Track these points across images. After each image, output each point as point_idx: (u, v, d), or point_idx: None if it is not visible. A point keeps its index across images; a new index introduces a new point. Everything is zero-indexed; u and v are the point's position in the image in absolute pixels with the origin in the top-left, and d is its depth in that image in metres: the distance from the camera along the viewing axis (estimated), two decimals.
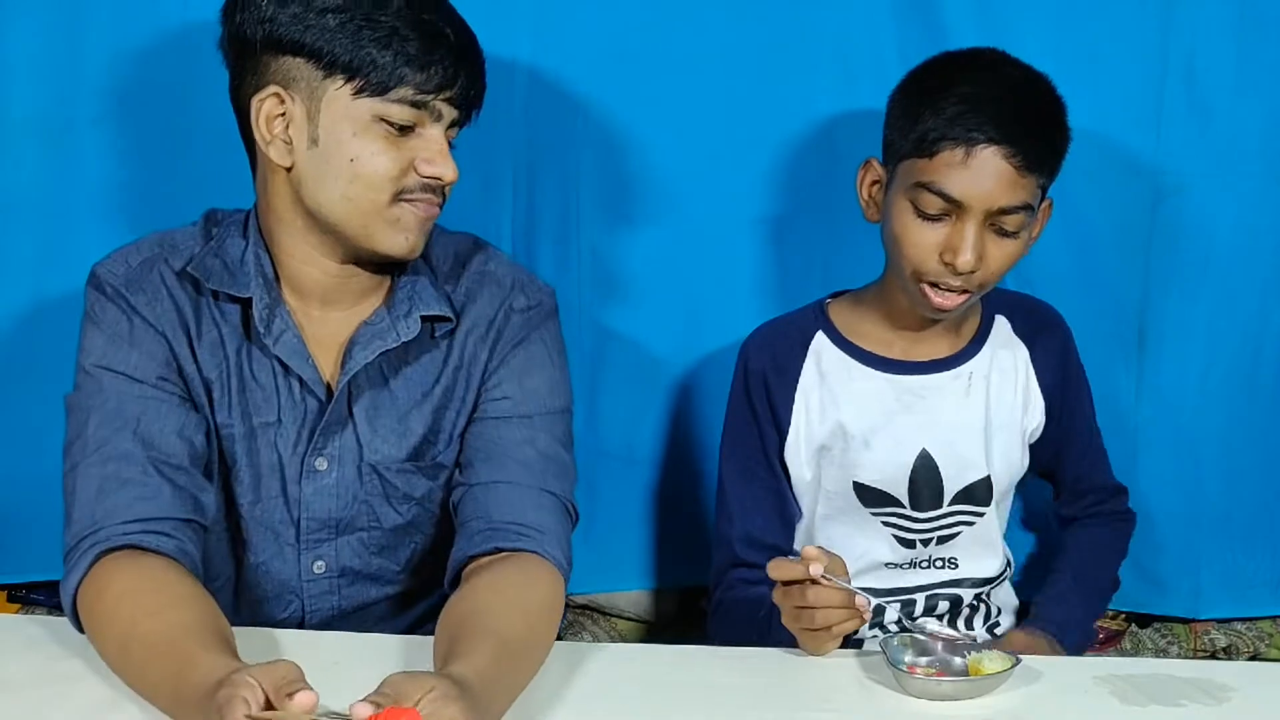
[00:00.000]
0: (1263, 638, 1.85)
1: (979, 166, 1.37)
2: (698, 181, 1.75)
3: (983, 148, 1.37)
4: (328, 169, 1.29)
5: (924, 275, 1.42)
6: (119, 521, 1.23)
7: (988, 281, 1.43)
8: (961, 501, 1.53)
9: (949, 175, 1.37)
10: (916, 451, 1.52)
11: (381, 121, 1.27)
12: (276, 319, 1.34)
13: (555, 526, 1.33)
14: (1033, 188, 1.40)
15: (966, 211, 1.38)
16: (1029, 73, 1.44)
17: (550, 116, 1.72)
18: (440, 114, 1.30)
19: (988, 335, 1.56)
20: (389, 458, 1.38)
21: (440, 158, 1.30)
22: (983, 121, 1.37)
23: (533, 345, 1.41)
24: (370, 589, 1.43)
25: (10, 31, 1.64)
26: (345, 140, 1.28)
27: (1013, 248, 1.42)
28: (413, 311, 1.37)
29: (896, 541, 1.54)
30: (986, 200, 1.37)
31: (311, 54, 1.26)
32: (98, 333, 1.32)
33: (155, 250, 1.36)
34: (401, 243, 1.32)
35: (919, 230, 1.40)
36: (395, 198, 1.30)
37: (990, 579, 1.57)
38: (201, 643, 1.11)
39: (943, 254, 1.40)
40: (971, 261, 1.38)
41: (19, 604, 1.83)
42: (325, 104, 1.27)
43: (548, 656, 1.24)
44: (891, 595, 1.54)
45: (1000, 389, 1.55)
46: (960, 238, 1.38)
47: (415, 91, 1.27)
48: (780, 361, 1.56)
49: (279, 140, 1.29)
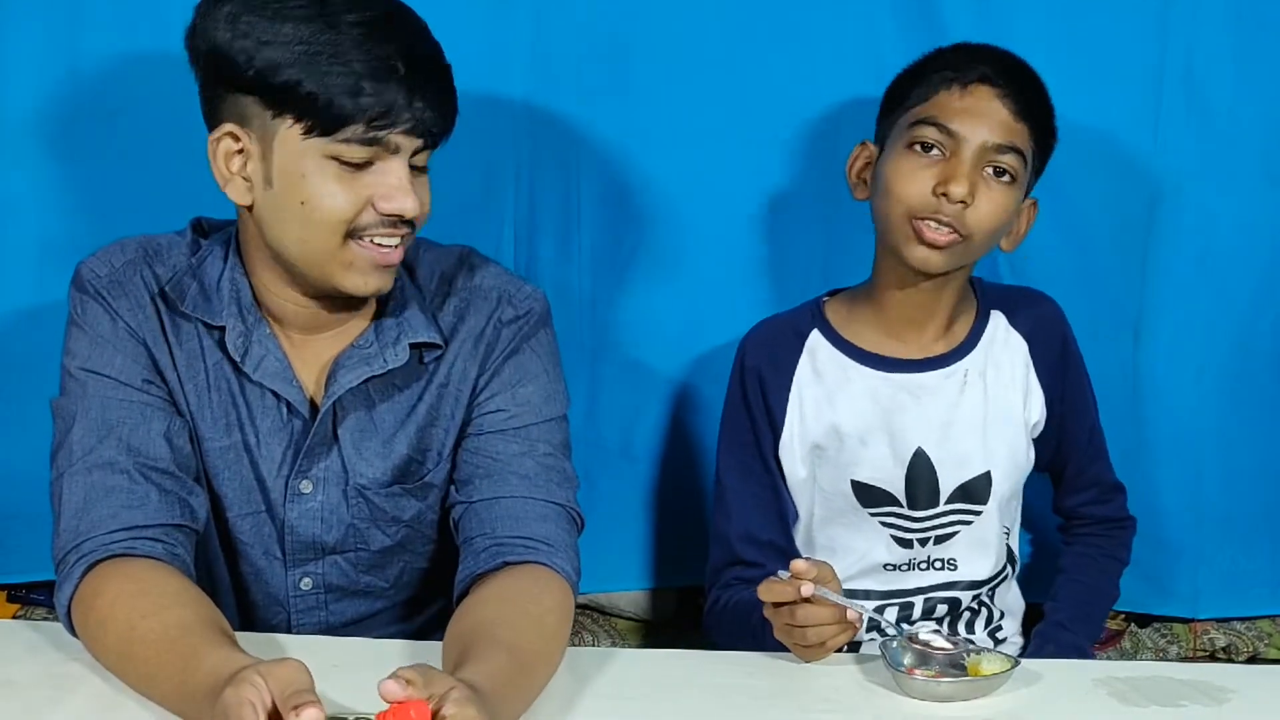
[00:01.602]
0: (1262, 638, 1.85)
1: (975, 101, 1.43)
2: (698, 179, 1.75)
3: (978, 85, 1.43)
4: (283, 211, 1.24)
5: (917, 211, 1.43)
6: (105, 532, 1.22)
7: (977, 230, 1.43)
8: (959, 499, 1.53)
9: (947, 109, 1.43)
10: (913, 450, 1.52)
11: (334, 160, 1.22)
12: (255, 345, 1.31)
13: (562, 537, 1.31)
14: (1025, 137, 1.44)
15: (962, 144, 1.42)
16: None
17: (551, 114, 1.72)
18: (397, 147, 1.23)
19: (983, 331, 1.56)
20: (375, 481, 1.36)
21: (399, 193, 1.23)
22: (979, 62, 1.45)
23: (524, 355, 1.38)
24: (360, 604, 1.42)
25: (10, 32, 1.64)
26: (297, 182, 1.22)
27: (1003, 196, 1.43)
28: (401, 339, 1.34)
29: (895, 542, 1.54)
30: (981, 133, 1.42)
31: (261, 91, 1.21)
32: (81, 335, 1.31)
33: (139, 253, 1.34)
34: (360, 284, 1.27)
35: (914, 166, 1.44)
36: (348, 236, 1.24)
37: (988, 580, 1.56)
38: (203, 638, 1.11)
39: (936, 186, 1.41)
40: (964, 190, 1.40)
41: (19, 604, 1.83)
42: (278, 144, 1.22)
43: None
44: (889, 598, 1.55)
45: (998, 384, 1.55)
46: (955, 169, 1.41)
47: (366, 129, 1.20)
48: (776, 359, 1.56)
49: (238, 178, 1.25)
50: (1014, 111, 1.43)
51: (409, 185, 1.24)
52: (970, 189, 1.41)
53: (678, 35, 1.71)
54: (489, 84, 1.68)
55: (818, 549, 1.57)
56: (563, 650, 1.24)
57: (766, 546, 1.54)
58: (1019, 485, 1.59)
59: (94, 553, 1.21)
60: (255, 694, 0.98)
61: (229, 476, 1.35)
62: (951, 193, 1.40)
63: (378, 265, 1.27)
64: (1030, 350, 1.57)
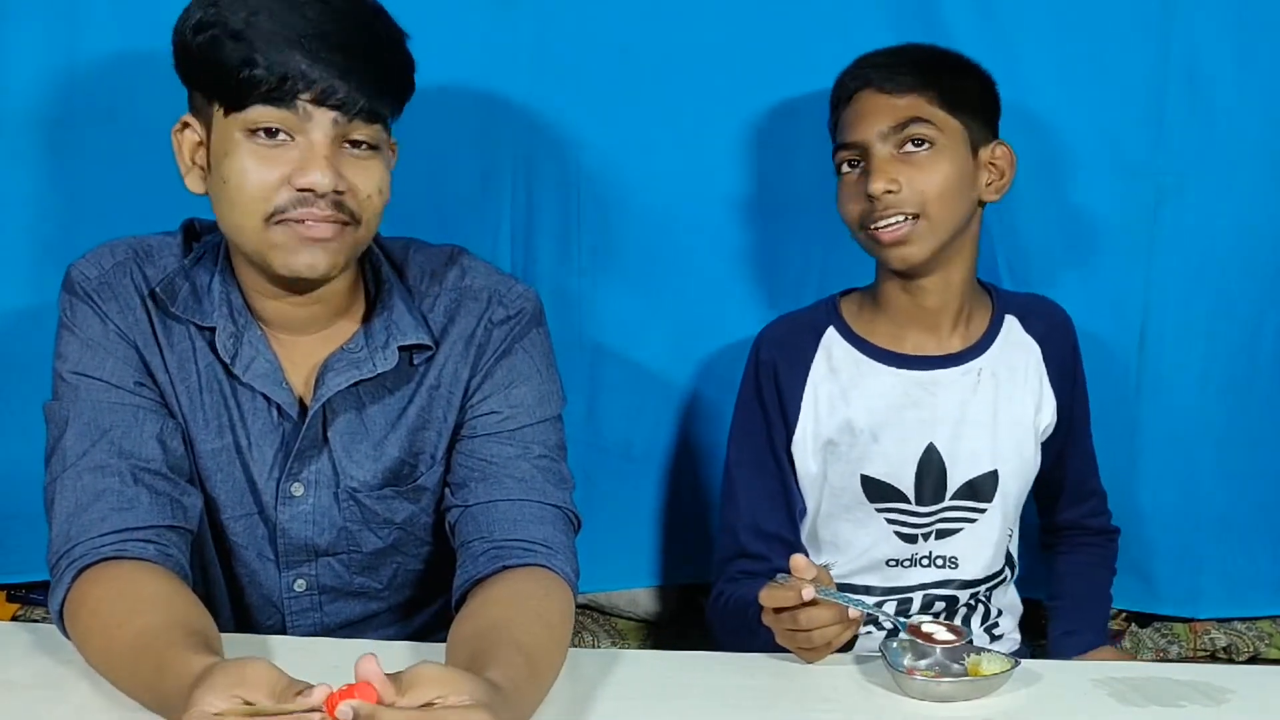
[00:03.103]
0: (1263, 638, 1.85)
1: (860, 108, 1.49)
2: (696, 179, 1.75)
3: (858, 93, 1.50)
4: (219, 194, 1.25)
5: (864, 222, 1.48)
6: (94, 536, 1.22)
7: (923, 203, 1.46)
8: (964, 496, 1.54)
9: (844, 129, 1.51)
10: (923, 445, 1.54)
11: (249, 134, 1.21)
12: (245, 346, 1.31)
13: (560, 539, 1.31)
14: (922, 106, 1.47)
15: (867, 148, 1.47)
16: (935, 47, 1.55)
17: (549, 114, 1.72)
18: (308, 115, 1.21)
19: (998, 333, 1.57)
20: (365, 484, 1.36)
21: (313, 165, 1.20)
22: (852, 75, 1.52)
23: (516, 356, 1.37)
24: (355, 606, 1.42)
25: (7, 32, 1.65)
26: (222, 161, 1.23)
27: (929, 163, 1.46)
28: (390, 342, 1.33)
29: (898, 537, 1.55)
30: (874, 127, 1.47)
31: (194, 80, 1.24)
32: (72, 338, 1.30)
33: (129, 254, 1.33)
34: (295, 264, 1.24)
35: (844, 188, 1.51)
36: (268, 219, 1.22)
37: (986, 579, 1.57)
38: (169, 643, 1.10)
39: (866, 193, 1.46)
40: (882, 184, 1.44)
41: (19, 604, 1.83)
42: (214, 128, 1.24)
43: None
44: (889, 594, 1.56)
45: (1010, 386, 1.56)
46: (870, 169, 1.47)
47: (268, 97, 1.19)
48: (791, 355, 1.58)
49: (196, 169, 1.27)
50: (902, 90, 1.47)
51: (323, 159, 1.21)
52: (888, 177, 1.45)
53: (676, 36, 1.71)
54: (487, 84, 1.68)
55: (821, 544, 1.58)
56: (566, 650, 1.24)
57: (773, 539, 1.55)
58: (1024, 489, 1.59)
59: (84, 557, 1.21)
60: (215, 705, 0.98)
61: (221, 479, 1.35)
62: (872, 189, 1.45)
63: (304, 239, 1.23)
64: (1043, 354, 1.58)
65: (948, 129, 1.48)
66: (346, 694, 0.97)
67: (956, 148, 1.48)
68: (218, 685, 0.99)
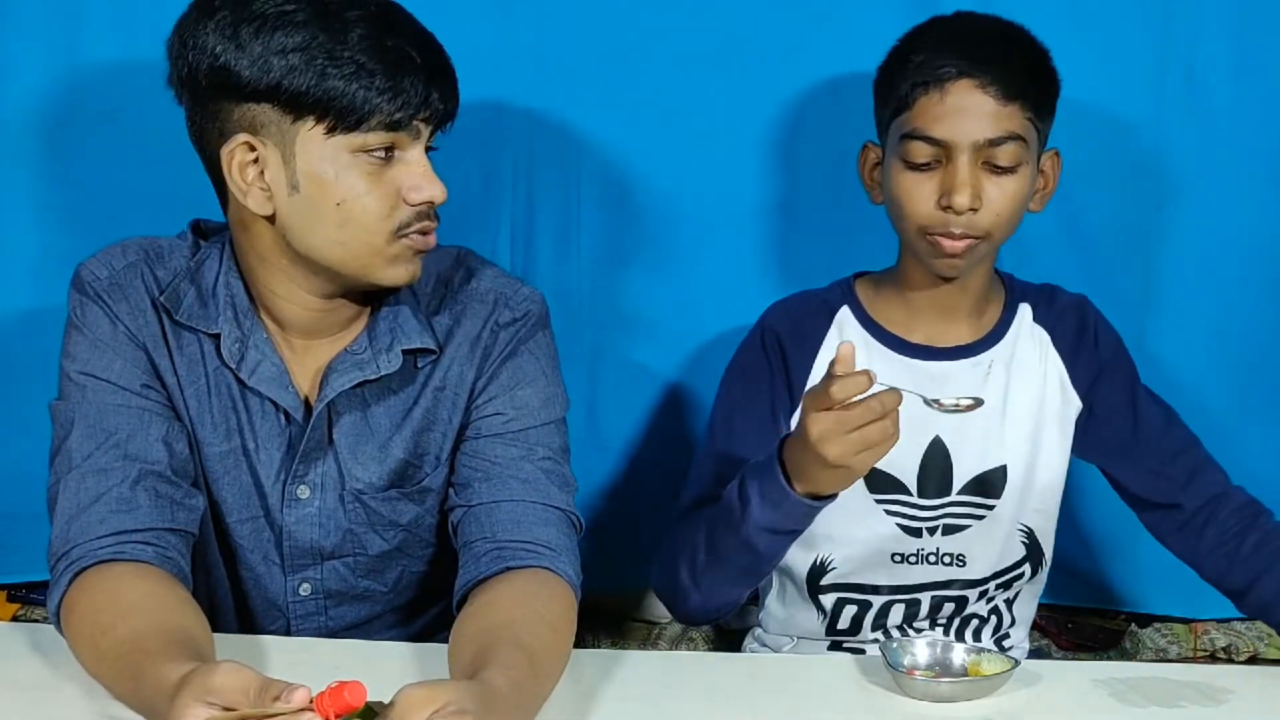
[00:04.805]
0: (1262, 637, 1.85)
1: (955, 102, 1.36)
2: (696, 179, 1.75)
3: (954, 82, 1.36)
4: (314, 215, 1.24)
5: (928, 228, 1.39)
6: (93, 538, 1.22)
7: (995, 227, 1.39)
8: (972, 491, 1.49)
9: (929, 118, 1.37)
10: (930, 438, 1.48)
11: (361, 154, 1.23)
12: (251, 350, 1.31)
13: (563, 541, 1.31)
14: (1019, 118, 1.37)
15: (954, 150, 1.36)
16: (1001, 20, 1.43)
17: (549, 115, 1.72)
18: (419, 132, 1.25)
19: (1010, 324, 1.51)
20: (371, 485, 1.36)
21: (426, 181, 1.26)
22: (951, 57, 1.37)
23: (521, 358, 1.38)
24: (359, 609, 1.42)
25: (10, 32, 1.65)
26: (328, 183, 1.23)
27: (1013, 186, 1.38)
28: (394, 345, 1.33)
29: (902, 530, 1.49)
30: (970, 133, 1.36)
31: (277, 98, 1.21)
32: (81, 338, 1.30)
33: (141, 255, 1.33)
34: (401, 274, 1.28)
35: (913, 182, 1.39)
36: (393, 236, 1.26)
37: (995, 575, 1.52)
38: (146, 652, 1.10)
39: (940, 199, 1.37)
40: (967, 200, 1.35)
41: (19, 603, 1.84)
42: (300, 147, 1.23)
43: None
44: (896, 593, 1.51)
45: (1021, 377, 1.50)
46: (953, 178, 1.36)
47: (389, 120, 1.22)
48: (801, 329, 1.51)
49: (256, 189, 1.25)
50: (1001, 96, 1.36)
51: (432, 172, 1.27)
52: (974, 193, 1.36)
53: (676, 35, 1.71)
54: (488, 85, 1.68)
55: (817, 537, 1.50)
56: (569, 652, 1.24)
57: None
58: (1047, 484, 1.52)
59: (82, 559, 1.21)
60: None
61: (228, 482, 1.35)
62: (955, 204, 1.36)
63: (418, 252, 1.28)
64: (1054, 342, 1.52)
65: (1031, 144, 1.40)
66: (336, 692, 0.97)
67: (1032, 163, 1.41)
68: (188, 695, 0.99)
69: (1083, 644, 1.89)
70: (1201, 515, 1.51)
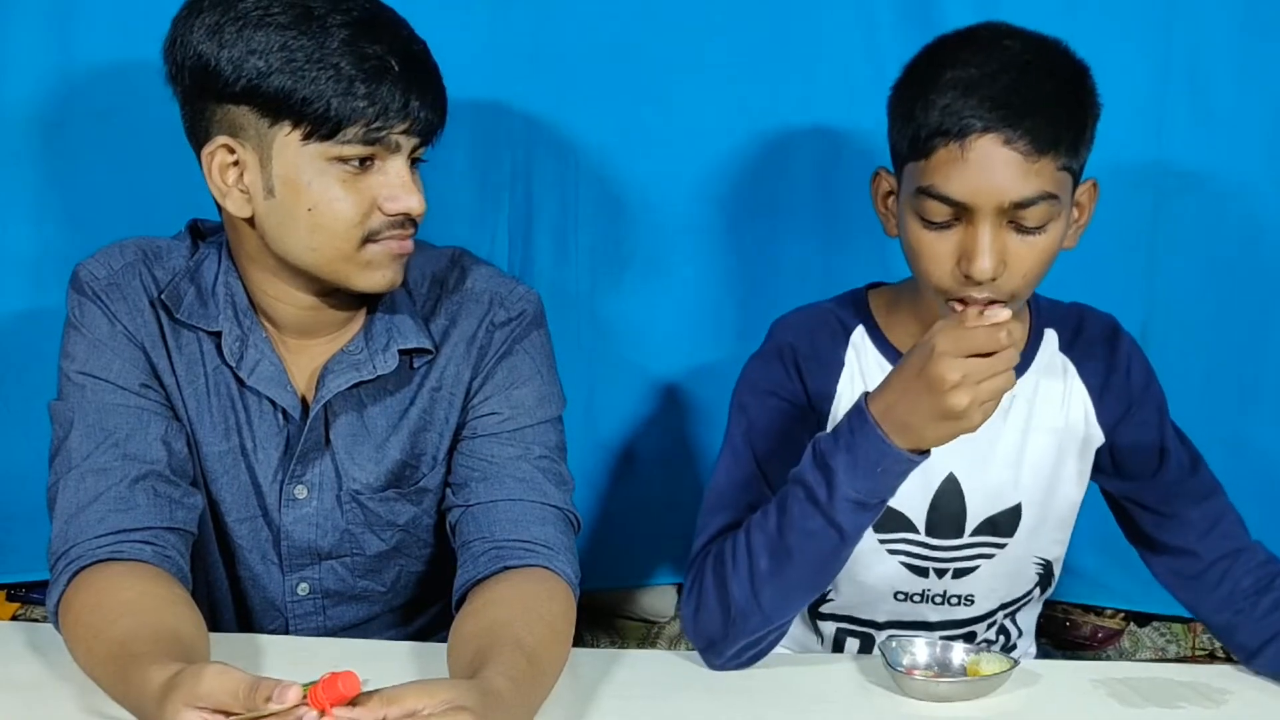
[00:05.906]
0: None
1: (979, 160, 1.19)
2: (694, 180, 1.75)
3: (978, 137, 1.18)
4: (288, 219, 1.23)
5: (947, 291, 1.24)
6: (92, 537, 1.22)
7: (1020, 289, 1.24)
8: (984, 532, 1.39)
9: (948, 175, 1.20)
10: (943, 475, 1.38)
11: (337, 162, 1.21)
12: (250, 349, 1.31)
13: (561, 540, 1.31)
14: (1051, 172, 1.20)
15: (976, 213, 1.20)
16: (1032, 43, 1.25)
17: (547, 116, 1.72)
18: (398, 145, 1.23)
19: (1034, 354, 1.38)
20: (368, 485, 1.36)
21: (404, 192, 1.24)
22: (975, 107, 1.19)
23: (517, 357, 1.37)
24: (357, 609, 1.42)
25: (10, 32, 1.65)
26: (302, 189, 1.22)
27: (1043, 244, 1.22)
28: (390, 345, 1.33)
29: (907, 570, 1.40)
30: (995, 196, 1.19)
31: (254, 100, 1.20)
32: (79, 338, 1.30)
33: (139, 255, 1.33)
34: (378, 280, 1.27)
35: (930, 241, 1.23)
36: (364, 241, 1.24)
37: (1005, 605, 1.45)
38: (133, 655, 1.09)
39: (959, 262, 1.22)
40: (990, 268, 1.19)
41: (19, 603, 1.84)
42: (276, 151, 1.21)
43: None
44: (899, 628, 1.43)
45: (1045, 413, 1.38)
46: (974, 242, 1.20)
47: (365, 130, 1.20)
48: (818, 345, 1.38)
49: (235, 191, 1.24)
50: (1031, 150, 1.18)
51: (411, 184, 1.25)
52: (998, 260, 1.20)
53: (675, 37, 1.71)
54: (486, 86, 1.68)
55: None
56: (568, 651, 1.24)
57: None
58: (1064, 516, 1.42)
59: (80, 559, 1.21)
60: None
61: (227, 481, 1.35)
62: (975, 273, 1.20)
63: (395, 257, 1.27)
64: (1079, 372, 1.40)
65: (1065, 194, 1.23)
66: (330, 683, 0.97)
67: (1066, 207, 1.24)
68: (178, 700, 0.99)
69: (1082, 643, 1.89)
70: (1218, 569, 1.38)
